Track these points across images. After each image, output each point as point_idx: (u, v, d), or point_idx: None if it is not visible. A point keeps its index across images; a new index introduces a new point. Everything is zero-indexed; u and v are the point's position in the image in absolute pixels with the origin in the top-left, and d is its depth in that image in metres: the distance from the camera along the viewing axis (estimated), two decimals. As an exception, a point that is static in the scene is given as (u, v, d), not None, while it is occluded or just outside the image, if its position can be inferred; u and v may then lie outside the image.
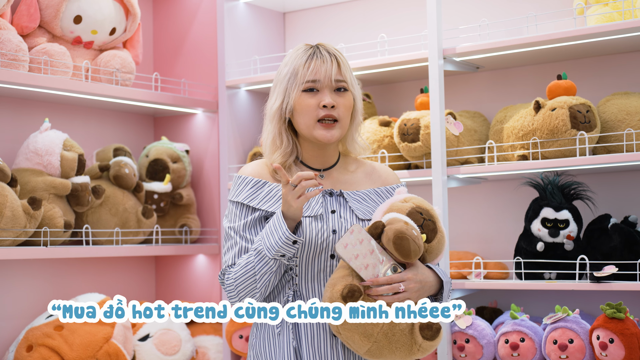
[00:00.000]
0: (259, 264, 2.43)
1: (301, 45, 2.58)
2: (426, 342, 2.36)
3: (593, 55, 3.63)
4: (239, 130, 4.19)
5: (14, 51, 3.45)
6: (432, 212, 2.48)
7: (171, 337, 3.87)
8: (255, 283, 2.45)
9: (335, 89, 2.52)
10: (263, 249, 2.41)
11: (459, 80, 3.94)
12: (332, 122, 2.52)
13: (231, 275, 2.48)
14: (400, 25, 4.09)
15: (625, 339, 3.05)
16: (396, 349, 2.37)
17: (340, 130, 2.54)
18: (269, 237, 2.40)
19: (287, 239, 2.38)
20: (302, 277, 2.50)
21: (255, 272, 2.44)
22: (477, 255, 3.67)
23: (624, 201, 3.56)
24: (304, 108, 2.51)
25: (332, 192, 2.57)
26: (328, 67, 2.51)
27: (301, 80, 2.51)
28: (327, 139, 2.52)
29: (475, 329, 3.40)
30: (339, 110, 2.52)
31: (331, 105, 2.50)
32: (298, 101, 2.52)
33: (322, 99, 2.50)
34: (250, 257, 2.44)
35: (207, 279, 4.36)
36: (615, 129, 3.34)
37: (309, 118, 2.51)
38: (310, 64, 2.51)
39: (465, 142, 3.59)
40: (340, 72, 2.53)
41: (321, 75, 2.50)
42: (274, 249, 2.39)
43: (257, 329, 2.57)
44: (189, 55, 4.45)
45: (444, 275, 2.50)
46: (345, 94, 2.53)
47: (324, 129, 2.52)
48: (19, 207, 3.37)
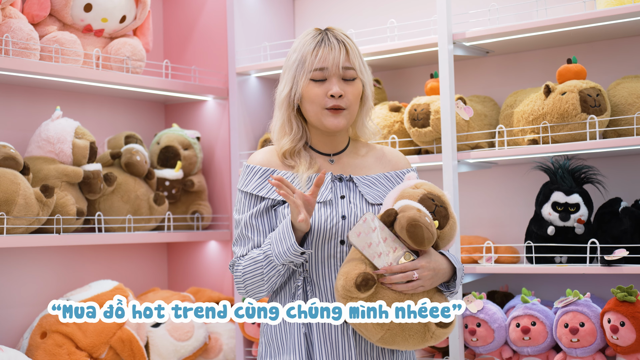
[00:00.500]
0: (267, 267, 2.44)
1: (310, 30, 2.57)
2: (440, 330, 2.37)
3: (603, 38, 3.62)
4: (250, 116, 4.20)
5: (25, 40, 3.46)
6: (443, 198, 2.47)
7: (184, 323, 3.88)
8: (263, 282, 2.46)
9: (344, 77, 2.51)
10: (272, 256, 2.42)
11: (468, 65, 3.94)
12: (340, 110, 2.51)
13: (240, 268, 2.49)
14: (410, 11, 4.09)
15: (637, 322, 3.06)
16: (409, 337, 2.37)
17: (348, 118, 2.53)
18: (278, 245, 2.41)
19: (295, 251, 2.38)
20: (312, 263, 2.50)
21: (263, 273, 2.45)
22: (488, 240, 3.68)
23: (635, 184, 3.56)
24: (311, 97, 2.51)
25: (342, 177, 2.56)
26: (336, 55, 2.49)
27: (309, 68, 2.50)
28: (335, 126, 2.52)
29: (486, 313, 3.41)
30: (346, 99, 2.51)
31: (339, 95, 2.49)
32: (306, 89, 2.52)
33: (330, 88, 2.49)
34: (259, 257, 2.45)
35: (219, 265, 4.38)
36: (626, 112, 3.33)
37: (317, 106, 2.51)
38: (318, 52, 2.50)
39: (476, 127, 3.59)
40: (348, 59, 2.51)
41: (329, 63, 2.49)
42: (282, 258, 2.40)
43: (269, 315, 2.58)
44: (199, 42, 4.46)
45: (457, 261, 2.50)
46: (354, 82, 2.53)
47: (332, 117, 2.51)
48: (31, 195, 3.39)
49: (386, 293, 2.37)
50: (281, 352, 2.51)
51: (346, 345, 2.46)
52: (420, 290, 2.38)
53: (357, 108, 2.56)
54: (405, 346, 2.39)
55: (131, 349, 3.61)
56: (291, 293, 2.51)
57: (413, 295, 2.38)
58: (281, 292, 2.54)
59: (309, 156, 2.57)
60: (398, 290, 2.37)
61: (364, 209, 2.50)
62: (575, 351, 3.22)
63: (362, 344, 2.49)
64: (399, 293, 2.37)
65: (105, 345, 3.56)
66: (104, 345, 3.56)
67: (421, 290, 2.39)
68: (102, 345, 3.55)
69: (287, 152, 2.58)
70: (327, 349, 2.45)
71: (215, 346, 4.03)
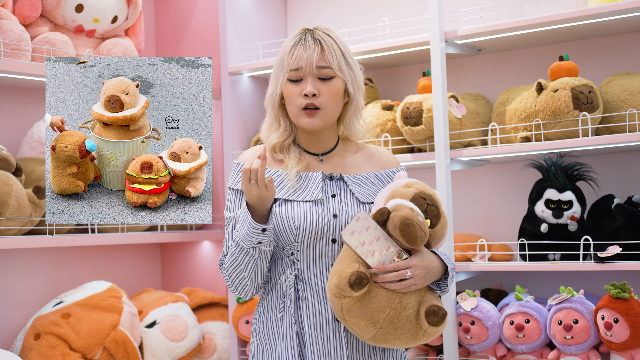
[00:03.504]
0: (240, 255, 2.44)
1: (296, 31, 2.56)
2: (432, 328, 2.37)
3: (595, 36, 3.62)
4: (242, 116, 4.20)
5: (17, 41, 3.45)
6: (434, 197, 2.47)
7: (178, 324, 3.88)
8: (243, 272, 2.47)
9: (319, 76, 2.50)
10: (239, 240, 2.42)
11: (461, 63, 3.94)
12: (314, 110, 2.50)
13: (224, 264, 2.50)
14: (402, 9, 4.09)
15: (630, 319, 3.06)
16: (401, 335, 2.37)
17: (323, 118, 2.51)
18: (241, 228, 2.41)
19: (255, 229, 2.38)
20: (304, 262, 2.50)
21: (239, 262, 2.45)
22: (481, 238, 3.68)
23: (628, 181, 3.57)
24: (289, 97, 2.51)
25: (332, 176, 2.56)
26: (310, 54, 2.48)
27: (286, 69, 2.51)
28: (310, 126, 2.51)
29: (480, 310, 3.41)
30: (321, 99, 2.49)
31: (312, 94, 2.48)
32: (285, 90, 2.52)
33: (304, 88, 2.49)
34: (233, 248, 2.46)
35: (212, 265, 4.37)
36: (618, 109, 3.34)
37: (294, 107, 2.51)
38: (294, 52, 2.50)
39: (468, 125, 3.59)
40: (323, 57, 2.49)
41: (303, 62, 2.48)
42: (248, 239, 2.40)
43: (260, 314, 2.58)
44: (191, 42, 4.45)
45: (448, 260, 2.50)
46: (330, 81, 2.50)
47: (307, 117, 2.50)
48: (24, 197, 3.38)
49: (379, 292, 2.37)
50: (273, 350, 2.51)
51: (338, 344, 2.46)
52: (413, 289, 2.39)
53: (334, 107, 2.53)
54: (397, 344, 2.40)
55: (125, 349, 3.61)
56: (282, 291, 2.52)
57: (405, 294, 2.38)
58: (272, 291, 2.54)
59: (298, 152, 2.57)
60: (391, 289, 2.37)
61: (355, 208, 2.50)
62: (569, 348, 3.22)
63: (353, 342, 2.49)
64: (392, 292, 2.37)
65: (99, 346, 3.56)
66: (98, 346, 3.55)
67: (414, 289, 2.39)
68: (96, 346, 3.54)
69: (277, 147, 2.58)
70: (318, 348, 2.45)
71: (209, 346, 4.03)
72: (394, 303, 2.37)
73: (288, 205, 2.49)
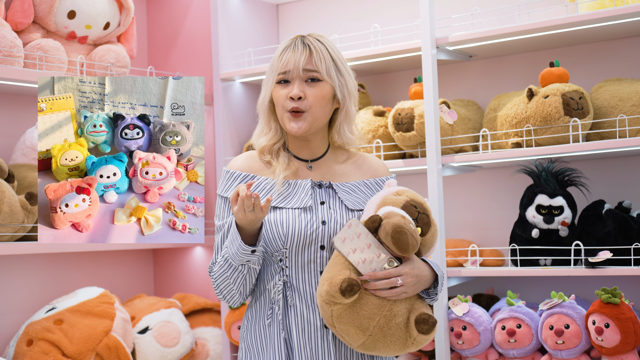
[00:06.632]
0: (229, 270, 2.45)
1: (290, 37, 2.58)
2: (421, 336, 2.37)
3: (585, 42, 3.64)
4: (235, 122, 4.21)
5: (9, 47, 3.46)
6: (425, 205, 2.47)
7: (170, 330, 3.88)
8: (231, 285, 2.48)
9: (306, 79, 2.51)
10: (229, 257, 2.43)
11: (452, 69, 3.96)
12: (299, 113, 2.50)
13: (212, 274, 2.51)
14: (393, 15, 4.10)
15: (621, 324, 3.08)
16: (391, 343, 2.37)
17: (309, 122, 2.51)
18: (231, 247, 2.42)
19: (244, 250, 2.38)
20: (292, 268, 2.50)
21: (228, 276, 2.46)
22: (472, 243, 3.69)
23: (618, 187, 3.58)
24: (276, 100, 2.52)
25: (322, 184, 2.56)
26: (297, 58, 2.49)
27: (275, 72, 2.52)
28: (295, 130, 2.51)
29: (472, 316, 3.42)
30: (307, 101, 2.49)
31: (297, 97, 2.49)
32: (273, 93, 2.53)
33: (291, 90, 2.50)
34: (221, 261, 2.47)
35: (204, 271, 4.38)
36: (608, 115, 3.36)
37: (281, 109, 2.52)
38: (283, 56, 2.51)
39: (460, 131, 3.61)
40: (311, 61, 2.50)
41: (290, 65, 2.49)
42: (237, 258, 2.41)
43: (248, 321, 2.58)
44: (184, 49, 4.46)
45: (438, 269, 2.51)
46: (317, 84, 2.50)
47: (292, 120, 2.51)
48: (16, 203, 3.38)
49: (369, 299, 2.37)
50: (261, 357, 2.50)
51: (326, 351, 2.46)
52: (403, 296, 2.39)
53: (321, 111, 2.52)
54: (386, 352, 2.39)
55: (118, 355, 3.61)
56: (271, 298, 2.52)
57: (396, 302, 2.39)
58: (261, 298, 2.54)
59: (287, 157, 2.58)
60: (381, 297, 2.38)
61: (344, 215, 2.51)
62: (560, 353, 3.23)
63: (342, 349, 2.49)
64: (382, 299, 2.37)
65: (92, 352, 3.56)
66: (91, 352, 3.55)
67: (404, 297, 2.39)
68: (88, 353, 3.54)
69: (265, 149, 2.58)
70: (306, 354, 2.45)
71: (202, 352, 4.03)
72: (384, 311, 2.37)
73: (277, 212, 2.49)
